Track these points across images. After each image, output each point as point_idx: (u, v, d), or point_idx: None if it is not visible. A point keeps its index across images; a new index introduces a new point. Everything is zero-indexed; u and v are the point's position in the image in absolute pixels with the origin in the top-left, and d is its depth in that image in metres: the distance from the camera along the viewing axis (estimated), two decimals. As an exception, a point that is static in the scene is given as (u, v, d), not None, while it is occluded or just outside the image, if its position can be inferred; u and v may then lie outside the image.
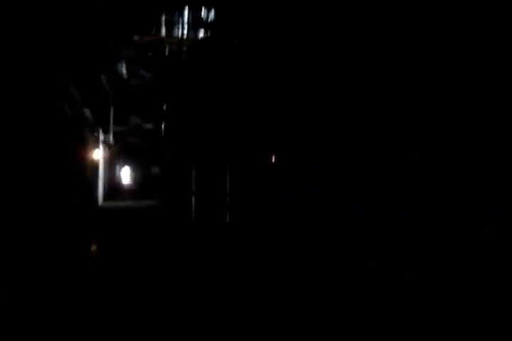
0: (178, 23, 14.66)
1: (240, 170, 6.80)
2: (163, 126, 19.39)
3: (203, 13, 12.90)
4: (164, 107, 17.74)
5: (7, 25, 5.88)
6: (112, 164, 24.02)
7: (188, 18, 14.34)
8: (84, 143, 13.15)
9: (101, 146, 18.25)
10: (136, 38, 12.91)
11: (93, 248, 7.94)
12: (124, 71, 17.62)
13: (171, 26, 15.39)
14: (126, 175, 29.35)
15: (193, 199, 10.54)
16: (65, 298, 4.95)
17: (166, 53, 15.39)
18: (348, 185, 3.97)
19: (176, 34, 15.25)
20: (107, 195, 20.50)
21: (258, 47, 5.91)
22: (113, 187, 23.70)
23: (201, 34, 13.05)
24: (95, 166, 16.49)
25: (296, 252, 4.93)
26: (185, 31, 14.35)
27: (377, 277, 3.42)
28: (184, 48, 13.28)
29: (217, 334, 3.86)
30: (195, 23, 13.64)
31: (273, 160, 5.07)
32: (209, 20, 12.03)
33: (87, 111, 12.99)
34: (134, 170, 28.44)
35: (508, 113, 2.30)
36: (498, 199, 2.37)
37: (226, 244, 7.21)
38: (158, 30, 15.17)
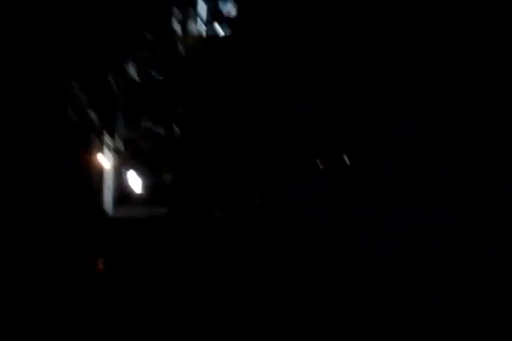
0: (193, 18, 14.07)
1: (272, 178, 6.18)
2: (176, 130, 18.49)
3: (220, 7, 12.30)
4: (178, 110, 16.77)
5: (6, 25, 5.88)
6: (120, 170, 23.18)
7: (205, 12, 13.75)
8: (90, 148, 12.84)
9: (109, 151, 17.72)
10: (147, 35, 12.48)
11: (100, 263, 7.73)
12: (134, 72, 17.05)
13: (185, 22, 14.84)
14: (136, 182, 28.01)
15: (217, 210, 9.66)
16: (64, 297, 4.95)
17: (179, 51, 14.76)
18: (348, 185, 3.97)
19: (190, 30, 14.72)
20: (116, 203, 19.87)
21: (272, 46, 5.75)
22: (122, 195, 22.85)
23: (218, 29, 12.44)
24: (103, 172, 15.96)
25: (297, 252, 4.93)
26: (202, 26, 13.79)
27: (377, 277, 3.42)
28: (199, 45, 12.61)
29: (219, 334, 3.86)
30: (212, 17, 13.02)
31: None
32: (228, 14, 11.42)
33: (93, 114, 12.68)
34: (144, 177, 26.97)
35: (508, 113, 2.30)
36: (498, 199, 2.37)
37: (254, 261, 6.52)
38: (171, 27, 14.60)
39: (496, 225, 2.39)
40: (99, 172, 15.27)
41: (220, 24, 11.65)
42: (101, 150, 15.59)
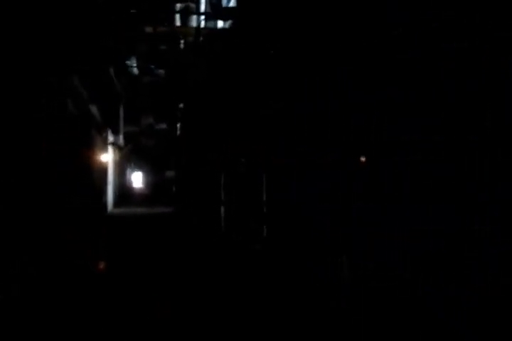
0: (195, 13, 13.85)
1: (277, 176, 5.93)
2: (178, 126, 18.06)
3: (223, 1, 12.17)
4: (180, 105, 16.30)
5: (6, 24, 5.88)
6: (122, 167, 22.76)
7: (206, 6, 13.55)
8: (91, 144, 12.67)
9: (110, 148, 17.49)
10: (148, 29, 12.32)
11: (100, 262, 7.70)
12: (136, 68, 16.83)
13: (186, 16, 14.63)
14: (138, 179, 27.60)
15: (222, 209, 9.25)
16: (64, 297, 4.95)
17: (181, 46, 14.54)
18: (348, 185, 3.97)
19: (191, 24, 14.50)
20: (118, 201, 19.65)
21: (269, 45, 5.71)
22: (124, 192, 22.60)
23: (220, 24, 12.23)
24: (104, 169, 15.78)
25: (297, 252, 4.93)
26: (202, 21, 13.62)
27: (377, 277, 3.42)
28: (201, 39, 12.40)
29: (219, 334, 3.87)
30: (214, 11, 12.81)
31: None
32: (229, 6, 11.23)
33: (94, 110, 12.52)
34: (146, 174, 26.54)
35: (508, 113, 2.30)
36: (498, 199, 2.37)
37: (262, 264, 6.17)
38: (172, 21, 14.39)
39: (496, 225, 2.39)
40: (101, 170, 15.21)
41: (222, 17, 11.48)
42: (102, 147, 15.52)
